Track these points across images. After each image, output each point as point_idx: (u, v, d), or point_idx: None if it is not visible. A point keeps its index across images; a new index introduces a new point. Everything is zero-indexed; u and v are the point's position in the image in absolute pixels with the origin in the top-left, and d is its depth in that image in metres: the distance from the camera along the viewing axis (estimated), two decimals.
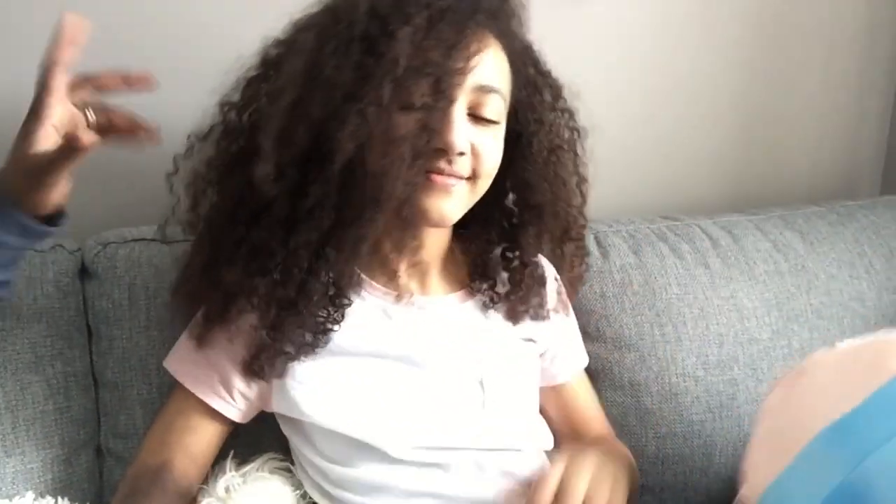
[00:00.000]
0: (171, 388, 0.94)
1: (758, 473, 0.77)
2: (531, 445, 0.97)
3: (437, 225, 0.89)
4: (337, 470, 0.89)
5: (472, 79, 0.85)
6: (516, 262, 0.99)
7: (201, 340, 0.90)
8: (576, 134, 1.01)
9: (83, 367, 1.01)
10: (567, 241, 1.04)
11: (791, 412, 0.77)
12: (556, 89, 0.99)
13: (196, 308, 0.92)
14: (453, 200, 0.87)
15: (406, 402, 0.91)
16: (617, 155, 1.40)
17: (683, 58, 1.44)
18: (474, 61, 0.84)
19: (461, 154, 0.85)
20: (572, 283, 1.11)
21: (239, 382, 0.90)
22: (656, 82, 1.43)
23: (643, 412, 1.16)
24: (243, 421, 0.93)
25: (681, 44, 1.43)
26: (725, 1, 1.44)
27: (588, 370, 1.15)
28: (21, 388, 0.95)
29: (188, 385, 0.91)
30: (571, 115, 1.01)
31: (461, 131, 0.84)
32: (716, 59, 1.46)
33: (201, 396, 0.90)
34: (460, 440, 0.91)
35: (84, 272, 1.04)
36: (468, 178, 0.88)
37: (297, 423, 0.92)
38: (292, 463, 0.95)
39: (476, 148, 0.87)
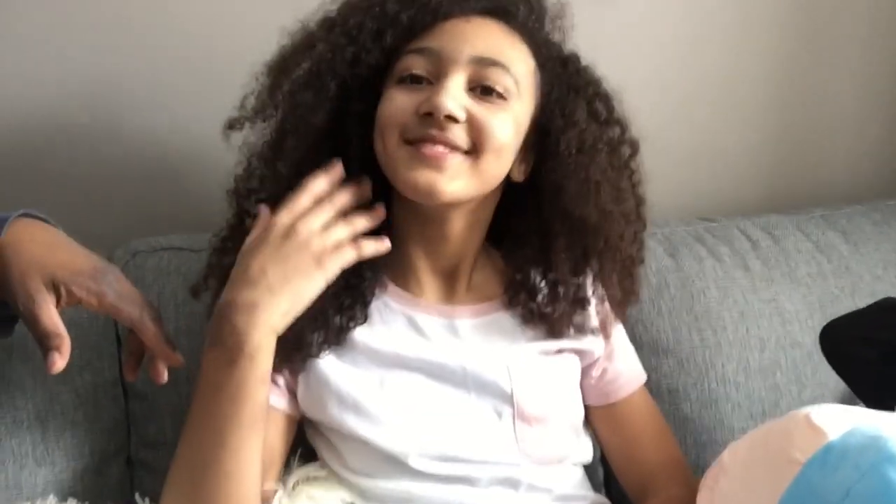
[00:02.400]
0: None
1: None
2: (567, 460, 0.94)
3: (428, 199, 0.83)
4: (363, 482, 0.87)
5: (470, 50, 0.84)
6: (553, 281, 0.93)
7: None
8: (630, 148, 0.95)
9: (112, 377, 1.00)
10: (608, 256, 0.94)
11: None
12: (604, 98, 0.94)
13: None
14: (447, 175, 0.82)
15: (430, 413, 0.88)
16: (653, 156, 1.35)
17: (719, 55, 1.41)
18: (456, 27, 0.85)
19: (450, 118, 0.81)
20: (619, 307, 0.99)
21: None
22: (692, 81, 1.40)
23: (682, 419, 1.13)
24: (292, 412, 0.90)
25: (717, 41, 1.40)
26: None
27: None
28: (50, 398, 0.95)
29: None
30: (624, 126, 0.94)
31: (451, 95, 0.82)
32: (752, 55, 1.43)
33: None
34: (487, 454, 0.88)
35: None
36: (470, 153, 0.84)
37: (322, 433, 0.91)
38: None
39: (476, 118, 0.83)
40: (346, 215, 0.83)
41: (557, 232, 0.92)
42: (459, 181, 0.84)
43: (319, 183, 0.82)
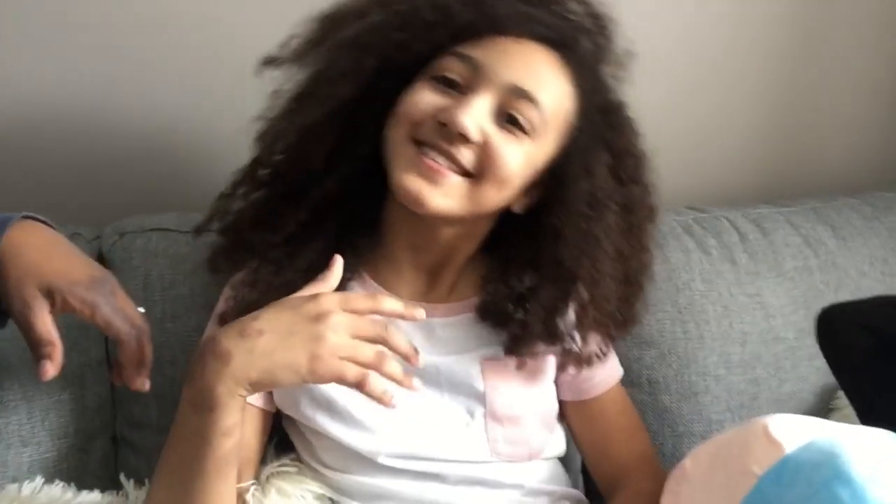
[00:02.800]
0: None
1: None
2: (538, 456, 0.95)
3: (412, 207, 0.83)
4: (336, 476, 0.89)
5: (508, 75, 0.82)
6: (529, 316, 0.90)
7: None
8: (646, 212, 0.93)
9: (98, 356, 1.01)
10: (588, 312, 0.91)
11: None
12: (634, 157, 0.92)
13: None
14: (441, 191, 0.82)
15: (400, 410, 0.86)
16: (644, 142, 1.36)
17: (714, 45, 1.39)
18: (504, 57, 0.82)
19: (463, 136, 0.80)
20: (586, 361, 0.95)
21: None
22: (686, 70, 1.39)
23: (661, 410, 1.14)
24: (267, 407, 0.92)
25: (711, 31, 1.39)
26: None
27: None
28: (36, 378, 0.95)
29: None
30: (646, 190, 0.93)
31: (472, 114, 0.81)
32: (747, 45, 1.41)
33: None
34: (458, 453, 0.90)
35: (101, 261, 1.04)
36: (471, 176, 0.83)
37: (297, 426, 0.92)
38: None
39: (490, 145, 0.82)
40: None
41: (544, 275, 0.90)
42: (450, 200, 0.83)
43: (394, 303, 0.76)
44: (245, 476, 0.88)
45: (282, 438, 0.95)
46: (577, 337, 0.93)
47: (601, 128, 0.89)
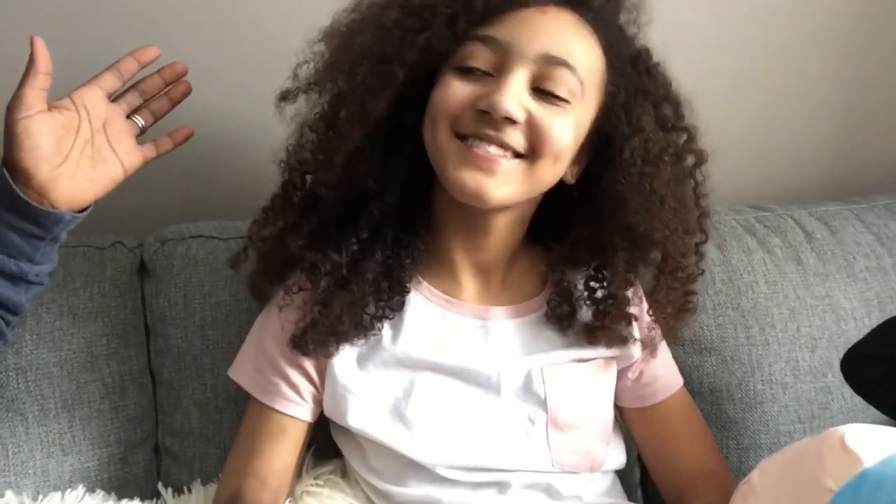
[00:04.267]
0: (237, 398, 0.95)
1: None
2: (598, 468, 0.90)
3: (475, 203, 0.81)
4: (387, 488, 0.86)
5: (538, 46, 0.79)
6: (602, 293, 0.90)
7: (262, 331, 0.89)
8: (696, 158, 0.90)
9: (140, 365, 1.00)
10: (665, 275, 0.90)
11: None
12: (673, 102, 0.89)
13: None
14: (498, 179, 0.79)
15: (460, 419, 0.86)
16: (704, 139, 1.31)
17: (777, 30, 1.32)
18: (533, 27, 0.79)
19: (508, 119, 0.78)
20: (671, 324, 0.95)
21: (299, 378, 0.87)
22: (747, 58, 1.32)
23: (725, 421, 1.08)
24: (314, 419, 0.90)
25: (774, 14, 1.32)
26: None
27: None
28: (77, 387, 0.95)
29: (257, 395, 0.88)
30: (692, 135, 0.90)
31: (512, 94, 0.78)
32: (813, 34, 1.34)
33: (274, 406, 0.87)
34: (518, 462, 0.86)
35: (143, 269, 1.03)
36: (525, 157, 0.80)
37: (348, 436, 0.89)
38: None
39: (536, 121, 0.79)
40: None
41: (617, 246, 0.87)
42: (510, 186, 0.81)
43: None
44: (282, 490, 0.87)
45: (319, 446, 0.92)
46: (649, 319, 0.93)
47: (635, 78, 0.86)
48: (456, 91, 0.80)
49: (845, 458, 0.68)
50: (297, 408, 0.88)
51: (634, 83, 0.86)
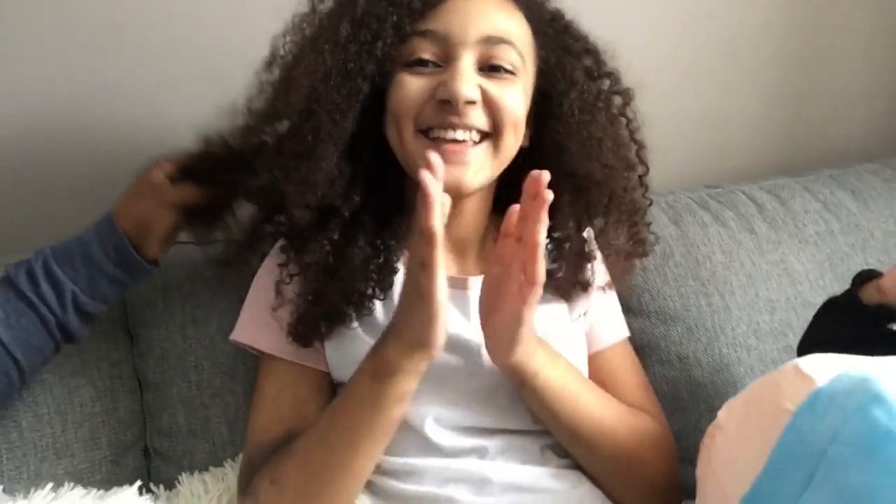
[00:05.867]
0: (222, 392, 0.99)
1: None
2: None
3: (454, 194, 0.83)
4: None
5: (476, 31, 0.85)
6: (557, 236, 0.95)
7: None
8: (623, 98, 0.97)
9: (128, 369, 1.03)
10: (612, 211, 0.97)
11: (715, 478, 0.77)
12: (593, 53, 0.96)
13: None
14: (471, 168, 0.85)
15: (445, 383, 0.89)
16: (657, 124, 1.36)
17: (721, 18, 1.40)
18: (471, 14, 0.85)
19: (470, 103, 0.83)
20: (627, 259, 1.01)
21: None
22: (693, 47, 1.40)
23: (694, 385, 1.12)
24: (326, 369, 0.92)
25: (722, 8, 1.39)
26: None
27: (634, 346, 1.09)
28: (69, 391, 0.97)
29: (274, 352, 0.90)
30: (615, 78, 0.97)
31: (466, 78, 0.83)
32: (756, 16, 1.41)
33: (294, 360, 0.90)
34: (500, 421, 0.89)
35: None
36: (489, 136, 0.86)
37: None
38: None
39: (491, 97, 0.85)
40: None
41: (562, 190, 0.92)
42: (483, 171, 0.86)
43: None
44: None
45: None
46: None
47: (557, 38, 0.93)
48: (412, 87, 0.85)
49: (800, 381, 0.73)
50: (319, 357, 0.90)
51: (558, 43, 0.93)
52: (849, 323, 0.95)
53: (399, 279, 0.91)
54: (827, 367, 0.73)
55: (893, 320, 0.93)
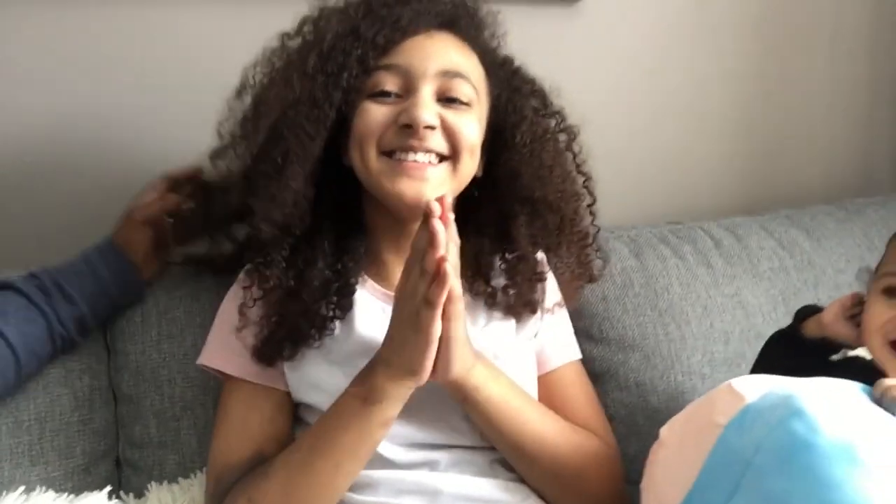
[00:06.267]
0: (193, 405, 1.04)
1: None
2: None
3: (415, 208, 0.88)
4: None
5: (435, 65, 0.92)
6: (511, 257, 1.00)
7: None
8: (568, 134, 1.04)
9: (108, 381, 1.07)
10: (564, 233, 1.04)
11: (655, 490, 0.83)
12: (540, 93, 1.04)
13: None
14: (432, 184, 0.91)
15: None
16: (622, 165, 1.42)
17: (686, 65, 1.46)
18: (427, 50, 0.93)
19: (428, 127, 0.89)
20: (574, 284, 1.09)
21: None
22: (659, 92, 1.46)
23: (651, 411, 1.16)
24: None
25: (682, 51, 1.46)
26: (724, 4, 1.46)
27: (593, 372, 1.15)
28: (51, 400, 1.01)
29: (240, 375, 0.94)
30: (561, 116, 1.05)
31: (426, 105, 0.90)
32: (718, 63, 1.48)
33: (259, 382, 0.94)
34: (451, 438, 0.93)
35: None
36: (448, 158, 0.92)
37: (301, 418, 0.96)
38: None
39: (450, 125, 0.92)
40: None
41: (517, 213, 1.00)
42: (443, 188, 0.91)
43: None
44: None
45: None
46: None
47: (508, 79, 1.01)
48: (375, 114, 0.92)
49: (732, 398, 0.78)
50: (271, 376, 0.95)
51: (509, 83, 1.01)
52: (793, 355, 1.00)
53: (357, 297, 0.95)
54: (757, 386, 0.78)
55: (835, 352, 0.99)
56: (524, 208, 1.00)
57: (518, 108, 1.00)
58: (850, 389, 0.79)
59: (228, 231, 1.07)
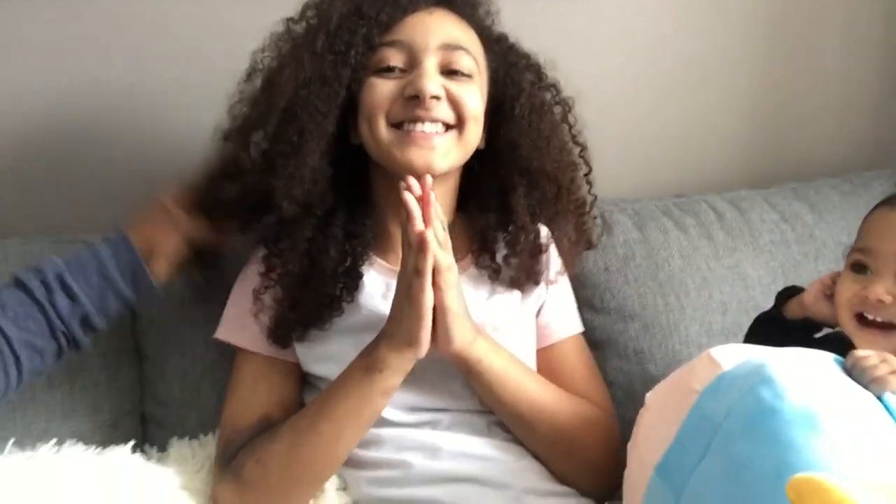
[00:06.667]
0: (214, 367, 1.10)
1: None
2: None
3: (424, 175, 0.92)
4: None
5: (436, 39, 0.97)
6: (512, 228, 1.05)
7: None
8: (562, 106, 1.09)
9: (133, 343, 1.14)
10: (562, 202, 1.08)
11: (637, 451, 0.86)
12: (535, 67, 1.08)
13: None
14: (439, 151, 0.96)
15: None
16: (631, 138, 1.45)
17: (694, 41, 1.47)
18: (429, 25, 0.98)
19: (434, 98, 0.94)
20: (572, 251, 1.13)
21: None
22: (667, 68, 1.47)
23: (648, 379, 1.20)
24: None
25: (690, 21, 1.47)
26: None
27: (594, 341, 1.20)
28: (80, 360, 1.07)
29: (251, 348, 1.01)
30: (556, 88, 1.09)
31: (430, 77, 0.95)
32: (728, 39, 1.49)
33: (269, 354, 1.01)
34: (452, 404, 0.99)
35: None
36: (454, 127, 0.97)
37: (312, 384, 1.03)
38: None
39: (454, 95, 0.97)
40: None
41: (516, 184, 1.05)
42: (450, 155, 0.97)
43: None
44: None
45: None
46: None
47: (504, 54, 1.06)
48: (382, 89, 0.97)
49: (709, 365, 0.82)
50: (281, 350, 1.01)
51: (506, 58, 1.06)
52: (777, 337, 1.03)
53: (367, 281, 1.01)
54: (734, 355, 0.82)
55: (818, 331, 1.02)
56: (523, 179, 1.04)
57: (516, 82, 1.04)
58: (825, 360, 0.83)
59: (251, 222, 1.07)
